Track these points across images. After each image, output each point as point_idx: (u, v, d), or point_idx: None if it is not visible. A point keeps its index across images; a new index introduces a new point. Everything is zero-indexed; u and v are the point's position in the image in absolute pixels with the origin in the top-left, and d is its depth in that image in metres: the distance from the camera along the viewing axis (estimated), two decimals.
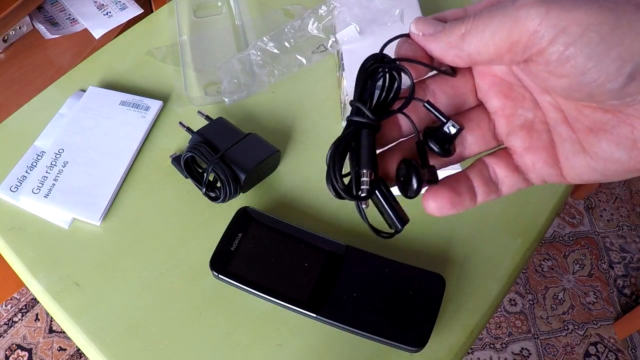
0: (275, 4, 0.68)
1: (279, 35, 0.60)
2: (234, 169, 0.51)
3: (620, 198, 1.49)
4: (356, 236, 0.52)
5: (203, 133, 0.54)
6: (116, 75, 0.62)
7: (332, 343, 0.47)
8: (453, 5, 0.69)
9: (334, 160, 0.27)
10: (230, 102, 0.59)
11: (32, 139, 0.57)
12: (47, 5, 1.00)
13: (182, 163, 0.52)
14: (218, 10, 0.68)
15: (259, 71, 0.59)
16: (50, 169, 0.54)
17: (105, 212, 0.52)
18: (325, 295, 0.46)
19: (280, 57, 0.60)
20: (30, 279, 0.50)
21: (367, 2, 0.59)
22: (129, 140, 0.56)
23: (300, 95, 0.61)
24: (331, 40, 0.60)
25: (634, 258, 1.40)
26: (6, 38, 0.93)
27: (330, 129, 0.58)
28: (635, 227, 1.44)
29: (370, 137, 0.27)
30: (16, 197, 0.53)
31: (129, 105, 0.58)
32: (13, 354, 1.19)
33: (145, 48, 0.64)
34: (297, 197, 0.54)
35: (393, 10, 0.58)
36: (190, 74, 0.62)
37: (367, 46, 0.58)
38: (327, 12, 0.60)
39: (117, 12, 0.99)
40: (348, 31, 0.58)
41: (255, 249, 0.48)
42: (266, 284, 0.47)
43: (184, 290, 0.49)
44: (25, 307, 1.25)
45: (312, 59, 0.60)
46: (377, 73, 0.29)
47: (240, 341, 0.47)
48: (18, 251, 0.51)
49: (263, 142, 0.54)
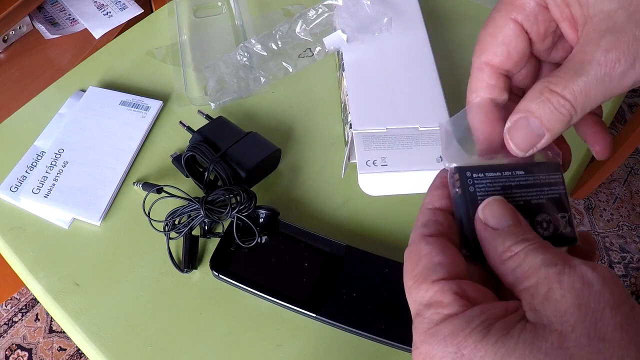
0: (275, 4, 0.68)
1: (267, 37, 0.60)
2: (235, 168, 0.51)
3: (620, 198, 1.49)
4: (356, 236, 0.52)
5: (203, 132, 0.54)
6: (116, 75, 0.62)
7: (332, 343, 0.46)
8: (453, 5, 0.69)
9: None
10: (215, 107, 0.59)
11: (32, 139, 0.57)
12: (47, 5, 1.00)
13: (182, 162, 0.52)
14: (218, 10, 0.68)
15: (244, 75, 0.59)
16: (50, 169, 0.54)
17: (105, 212, 0.52)
18: (325, 295, 0.46)
19: (267, 61, 0.60)
20: (30, 279, 0.50)
21: (355, 9, 0.58)
22: (129, 140, 0.56)
23: (300, 94, 0.61)
24: (318, 48, 0.59)
25: (634, 258, 1.40)
26: (6, 38, 0.94)
27: (330, 128, 0.58)
28: (635, 227, 1.44)
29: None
30: (16, 197, 0.53)
31: (129, 105, 0.58)
32: (13, 354, 1.19)
33: (145, 48, 0.64)
34: (297, 196, 0.54)
35: (382, 17, 0.57)
36: (190, 74, 0.62)
37: (367, 47, 0.58)
38: (316, 16, 0.60)
39: (117, 12, 0.99)
40: (334, 37, 0.58)
41: (255, 249, 0.48)
42: (266, 284, 0.47)
43: (184, 290, 0.49)
44: (25, 307, 1.25)
45: (298, 64, 0.60)
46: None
47: (240, 341, 0.47)
48: (18, 251, 0.51)
49: (264, 141, 0.54)
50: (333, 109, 0.60)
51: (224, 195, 0.48)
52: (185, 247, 0.49)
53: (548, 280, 0.24)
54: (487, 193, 0.29)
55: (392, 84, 0.55)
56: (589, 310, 0.23)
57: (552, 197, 0.30)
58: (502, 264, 0.26)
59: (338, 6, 0.59)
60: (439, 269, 0.26)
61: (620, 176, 1.53)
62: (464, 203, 0.29)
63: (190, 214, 0.49)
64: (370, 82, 0.55)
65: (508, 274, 0.26)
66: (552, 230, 0.29)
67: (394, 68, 0.56)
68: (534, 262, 0.25)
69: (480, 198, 0.29)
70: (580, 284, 0.23)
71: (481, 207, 0.28)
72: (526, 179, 0.30)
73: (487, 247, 0.27)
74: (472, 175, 0.29)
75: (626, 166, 1.54)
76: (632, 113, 1.63)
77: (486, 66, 0.30)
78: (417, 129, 0.52)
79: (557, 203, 0.30)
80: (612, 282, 0.24)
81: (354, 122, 0.52)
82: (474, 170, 0.30)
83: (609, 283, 0.24)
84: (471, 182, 0.29)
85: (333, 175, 0.55)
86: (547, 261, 0.25)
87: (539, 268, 0.25)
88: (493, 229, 0.27)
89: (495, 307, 0.25)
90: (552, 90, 0.27)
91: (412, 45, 0.58)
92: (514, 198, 0.29)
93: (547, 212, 0.30)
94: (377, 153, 0.50)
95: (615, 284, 0.24)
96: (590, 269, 0.24)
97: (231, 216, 0.48)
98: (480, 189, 0.29)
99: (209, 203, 0.48)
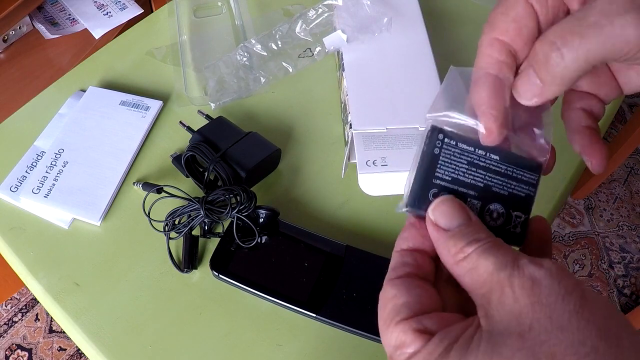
0: (275, 4, 0.68)
1: (267, 37, 0.60)
2: (235, 168, 0.51)
3: (620, 198, 1.49)
4: (356, 236, 0.52)
5: (203, 132, 0.54)
6: (116, 75, 0.62)
7: (332, 343, 0.46)
8: (453, 5, 0.69)
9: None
10: (215, 107, 0.59)
11: (32, 139, 0.57)
12: (47, 5, 1.00)
13: (182, 162, 0.52)
14: (218, 10, 0.68)
15: (244, 75, 0.59)
16: (50, 169, 0.54)
17: (105, 212, 0.52)
18: (325, 295, 0.46)
19: (267, 61, 0.60)
20: (30, 279, 0.50)
21: (355, 9, 0.58)
22: (129, 140, 0.56)
23: (300, 94, 0.61)
24: (318, 48, 0.59)
25: (634, 258, 1.40)
26: (6, 38, 0.93)
27: (330, 128, 0.58)
28: (635, 227, 1.44)
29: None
30: (16, 197, 0.53)
31: (129, 105, 0.58)
32: (13, 354, 1.19)
33: (145, 48, 0.64)
34: (297, 196, 0.54)
35: (382, 17, 0.57)
36: (190, 74, 0.62)
37: (367, 47, 0.58)
38: (316, 16, 0.60)
39: (117, 12, 0.99)
40: (334, 37, 0.58)
41: (255, 249, 0.48)
42: (266, 284, 0.47)
43: (184, 290, 0.49)
44: (25, 307, 1.25)
45: (298, 65, 0.60)
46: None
47: (240, 341, 0.47)
48: (18, 251, 0.51)
49: (264, 141, 0.54)
50: (333, 109, 0.60)
51: (224, 195, 0.48)
52: (185, 247, 0.49)
53: (500, 284, 0.25)
54: (450, 160, 0.29)
55: (392, 84, 0.55)
56: (542, 306, 0.23)
57: (517, 193, 0.29)
58: (456, 265, 0.27)
59: (338, 6, 0.59)
60: (403, 310, 0.27)
61: (620, 176, 1.53)
62: (421, 160, 0.29)
63: (190, 214, 0.49)
64: (370, 82, 0.55)
65: (464, 275, 0.26)
66: (499, 223, 0.29)
67: (394, 68, 0.56)
68: (487, 265, 0.25)
69: (440, 163, 0.29)
70: (530, 282, 0.24)
71: (431, 208, 0.28)
72: (498, 165, 0.29)
73: (440, 248, 0.28)
74: (444, 139, 0.29)
75: (626, 166, 1.54)
76: (632, 113, 1.63)
77: (496, 42, 0.30)
78: (417, 129, 0.52)
79: (519, 201, 0.29)
80: (560, 274, 0.24)
81: (354, 122, 0.52)
82: (449, 135, 0.29)
83: (556, 276, 0.24)
84: (439, 144, 0.29)
85: (333, 175, 0.55)
86: (499, 264, 0.25)
87: (491, 273, 0.25)
88: (444, 230, 0.27)
89: (454, 329, 0.25)
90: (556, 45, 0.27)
91: (412, 45, 0.58)
92: (474, 177, 0.29)
93: (503, 205, 0.29)
94: (377, 153, 0.50)
95: (563, 276, 0.24)
96: (537, 266, 0.25)
97: (231, 216, 0.48)
98: (445, 155, 0.29)
99: (209, 203, 0.48)
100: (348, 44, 0.58)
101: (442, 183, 0.29)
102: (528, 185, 0.30)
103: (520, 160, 0.30)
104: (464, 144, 0.29)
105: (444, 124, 0.30)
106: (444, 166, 0.29)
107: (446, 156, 0.29)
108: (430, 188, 0.29)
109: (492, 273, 0.25)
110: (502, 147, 0.29)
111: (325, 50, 0.59)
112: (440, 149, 0.29)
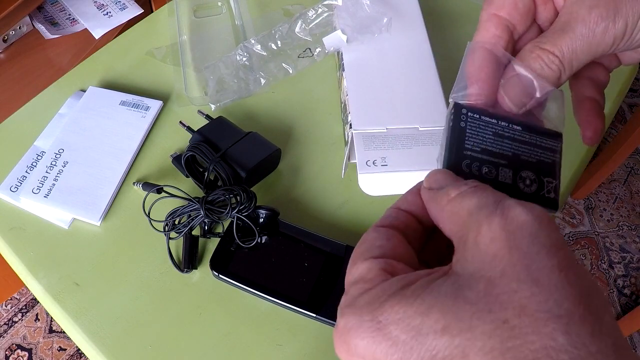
0: (275, 4, 0.68)
1: (267, 37, 0.60)
2: (235, 168, 0.51)
3: (620, 198, 1.49)
4: (356, 236, 0.51)
5: (203, 132, 0.54)
6: (116, 75, 0.62)
7: (332, 343, 0.46)
8: (453, 5, 0.69)
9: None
10: (215, 109, 0.59)
11: (32, 139, 0.57)
12: (47, 5, 1.00)
13: (182, 162, 0.52)
14: (218, 10, 0.68)
15: (244, 76, 0.59)
16: (50, 169, 0.54)
17: (105, 212, 0.52)
18: (325, 295, 0.46)
19: (267, 61, 0.60)
20: (30, 279, 0.50)
21: (355, 9, 0.58)
22: (129, 140, 0.56)
23: (300, 95, 0.61)
24: (317, 48, 0.59)
25: (634, 258, 1.40)
26: (6, 38, 0.94)
27: (330, 128, 0.58)
28: (635, 227, 1.44)
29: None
30: (16, 197, 0.53)
31: (129, 105, 0.58)
32: (13, 354, 1.19)
33: (145, 48, 0.64)
34: (297, 196, 0.54)
35: (382, 18, 0.57)
36: (190, 74, 0.62)
37: (366, 48, 0.58)
38: (316, 16, 0.60)
39: (117, 12, 0.99)
40: (334, 37, 0.58)
41: (255, 249, 0.48)
42: (266, 284, 0.47)
43: (184, 290, 0.49)
44: (25, 307, 1.25)
45: (298, 65, 0.60)
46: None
47: (240, 341, 0.47)
48: (18, 251, 0.51)
49: (264, 141, 0.54)
50: (333, 109, 0.60)
51: (224, 195, 0.48)
52: (185, 247, 0.49)
53: (478, 223, 0.22)
54: (477, 132, 0.29)
55: (392, 84, 0.55)
56: (521, 252, 0.21)
57: (544, 160, 0.30)
58: (441, 212, 0.25)
59: (338, 6, 0.59)
60: (376, 250, 0.25)
61: (620, 176, 1.53)
62: (450, 135, 0.29)
63: (190, 214, 0.49)
64: (370, 82, 0.55)
65: (446, 221, 0.25)
66: (534, 189, 0.29)
67: (394, 68, 0.56)
68: (469, 205, 0.23)
69: (468, 135, 0.29)
70: (513, 225, 0.22)
71: (426, 178, 0.28)
72: (522, 135, 0.30)
73: (430, 204, 0.26)
74: (467, 113, 0.30)
75: (626, 166, 1.54)
76: (632, 113, 1.63)
77: (494, 17, 0.31)
78: (417, 129, 0.52)
79: (547, 167, 0.30)
80: (550, 226, 0.22)
81: (354, 122, 0.52)
82: (471, 109, 0.30)
83: (546, 226, 0.22)
84: (464, 118, 0.30)
85: (333, 175, 0.55)
86: (480, 204, 0.23)
87: (471, 212, 0.23)
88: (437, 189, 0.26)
89: (418, 273, 0.23)
90: (542, 47, 0.29)
91: (412, 45, 0.58)
92: (503, 147, 0.29)
93: (534, 171, 0.29)
94: (377, 153, 0.50)
95: (553, 228, 0.22)
96: (526, 210, 0.22)
97: (231, 216, 0.48)
98: (471, 127, 0.30)
99: (209, 203, 0.48)
100: (348, 44, 0.58)
101: (473, 154, 0.29)
102: (553, 152, 0.30)
103: (542, 130, 0.31)
104: (487, 117, 0.30)
105: (463, 99, 0.31)
106: (472, 138, 0.29)
107: (472, 128, 0.30)
108: (463, 160, 0.29)
109: (472, 213, 0.23)
110: (522, 118, 0.30)
111: (325, 50, 0.59)
112: (466, 122, 0.30)
